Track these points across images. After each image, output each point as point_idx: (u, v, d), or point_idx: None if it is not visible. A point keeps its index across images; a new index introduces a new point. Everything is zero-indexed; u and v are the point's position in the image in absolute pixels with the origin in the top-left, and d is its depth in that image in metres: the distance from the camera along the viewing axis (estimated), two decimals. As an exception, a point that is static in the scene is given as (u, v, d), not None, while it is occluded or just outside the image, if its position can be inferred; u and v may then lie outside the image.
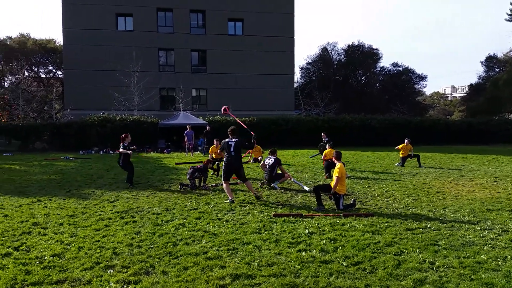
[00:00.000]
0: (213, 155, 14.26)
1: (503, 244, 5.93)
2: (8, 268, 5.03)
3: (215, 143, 14.50)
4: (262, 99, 35.80)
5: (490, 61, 47.02)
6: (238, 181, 11.95)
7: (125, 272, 4.92)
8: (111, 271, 4.97)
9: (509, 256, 5.37)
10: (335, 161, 8.68)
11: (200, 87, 36.89)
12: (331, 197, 8.23)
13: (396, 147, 16.50)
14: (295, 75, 40.64)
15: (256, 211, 8.08)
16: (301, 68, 50.78)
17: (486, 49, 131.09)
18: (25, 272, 4.89)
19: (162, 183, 11.80)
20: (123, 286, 4.52)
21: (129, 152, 11.34)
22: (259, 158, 16.47)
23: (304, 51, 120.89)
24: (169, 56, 36.70)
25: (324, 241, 6.08)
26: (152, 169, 15.14)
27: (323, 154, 13.57)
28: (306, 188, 10.56)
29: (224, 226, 7.00)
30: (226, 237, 6.30)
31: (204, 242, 6.10)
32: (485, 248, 5.77)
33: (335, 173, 8.27)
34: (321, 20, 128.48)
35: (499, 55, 47.07)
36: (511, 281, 4.58)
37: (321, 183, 11.53)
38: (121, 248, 5.81)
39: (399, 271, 4.89)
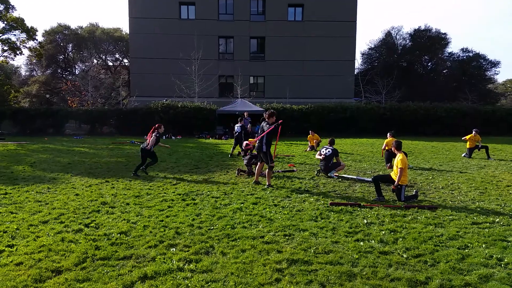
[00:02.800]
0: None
1: None
2: (80, 243, 5.48)
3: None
4: (320, 86, 35.26)
5: None
6: (295, 168, 11.99)
7: (187, 251, 5.16)
8: (174, 249, 5.24)
9: None
10: (396, 151, 8.39)
11: (257, 75, 37.08)
12: (394, 190, 7.98)
13: (463, 138, 15.59)
14: (356, 61, 39.50)
15: (312, 199, 8.07)
16: (363, 54, 49.18)
17: None
18: (95, 247, 5.30)
19: (220, 168, 12.12)
20: (184, 264, 4.76)
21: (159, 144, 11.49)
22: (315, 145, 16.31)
23: (367, 35, 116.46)
24: (228, 44, 37.19)
25: (383, 232, 5.95)
26: (211, 154, 15.58)
27: (384, 143, 13.15)
28: (367, 179, 10.33)
29: (280, 212, 7.08)
30: (282, 223, 6.38)
31: (261, 226, 6.22)
32: None
33: (398, 164, 8.00)
34: (386, 2, 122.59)
35: None
36: None
37: (381, 173, 11.23)
38: (183, 228, 6.09)
39: (463, 266, 4.68)
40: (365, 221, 6.53)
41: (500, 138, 23.41)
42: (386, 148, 12.67)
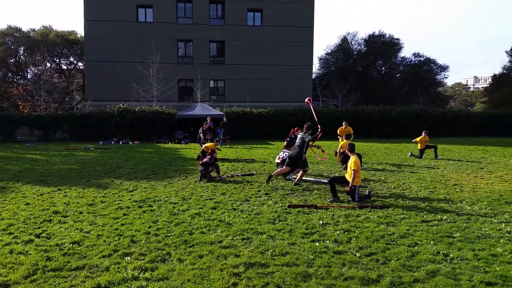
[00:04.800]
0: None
1: (520, 237, 5.85)
2: (30, 254, 5.25)
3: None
4: (279, 90, 35.67)
5: (516, 51, 45.47)
6: (254, 171, 12.07)
7: (142, 260, 5.07)
8: (129, 258, 5.13)
9: (526, 250, 5.31)
10: (349, 154, 8.65)
11: (217, 78, 36.99)
12: (348, 192, 8.21)
13: (413, 140, 16.31)
14: (313, 65, 40.34)
15: (271, 202, 8.16)
16: (320, 59, 50.25)
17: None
18: (46, 258, 5.09)
19: (179, 173, 11.98)
20: (140, 273, 4.67)
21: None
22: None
23: (324, 41, 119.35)
24: (188, 47, 36.86)
25: (338, 232, 6.12)
26: (170, 159, 15.36)
27: (339, 146, 13.52)
28: (324, 180, 10.57)
29: (239, 216, 7.10)
30: (240, 227, 6.41)
31: (219, 231, 6.21)
32: (501, 241, 5.71)
33: (351, 166, 8.25)
34: (342, 9, 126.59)
35: (525, 44, 45.61)
36: (526, 274, 4.53)
37: (337, 174, 11.51)
38: (138, 236, 5.97)
39: (412, 263, 4.89)
40: (321, 222, 6.68)
41: (449, 139, 24.65)
42: (341, 150, 13.03)
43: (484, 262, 4.90)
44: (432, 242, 5.62)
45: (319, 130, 10.09)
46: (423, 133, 15.84)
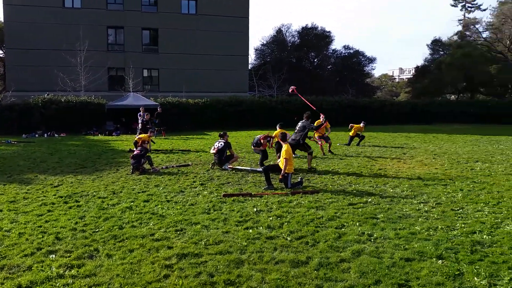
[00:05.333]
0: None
1: (435, 215, 6.38)
2: None
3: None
4: (215, 80, 35.42)
5: (436, 44, 48.99)
6: (190, 162, 11.94)
7: (68, 257, 4.84)
8: (53, 256, 4.87)
9: (439, 226, 5.80)
10: (282, 142, 8.87)
11: (151, 67, 35.83)
12: (281, 180, 8.41)
13: (350, 125, 17.00)
14: (249, 56, 40.53)
15: (206, 192, 8.13)
16: (256, 49, 50.62)
17: (434, 33, 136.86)
18: (-41, 260, 4.67)
19: (109, 166, 11.51)
20: (65, 271, 4.45)
21: None
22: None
23: (260, 32, 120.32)
24: (118, 35, 35.22)
25: (271, 218, 6.26)
26: (100, 152, 14.68)
27: (274, 135, 13.77)
28: (259, 169, 10.72)
29: (173, 207, 7.00)
30: (174, 219, 6.32)
31: (151, 224, 6.08)
32: (420, 220, 6.18)
33: (283, 154, 8.46)
34: (277, 0, 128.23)
35: (444, 38, 49.32)
36: (439, 248, 4.96)
37: (271, 163, 11.74)
38: (64, 233, 5.67)
39: (339, 243, 5.15)
40: (255, 209, 6.79)
41: (375, 127, 26.08)
42: (276, 139, 13.29)
43: (404, 240, 5.28)
44: (357, 224, 5.95)
45: (323, 120, 11.81)
46: (362, 123, 16.72)
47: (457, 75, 38.71)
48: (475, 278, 4.12)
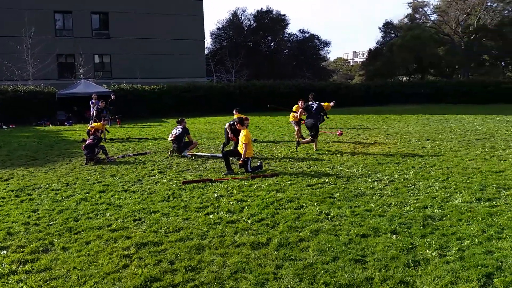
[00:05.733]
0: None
1: (389, 192, 6.64)
2: None
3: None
4: (171, 65, 34.63)
5: (387, 27, 50.41)
6: (148, 150, 11.69)
7: (21, 252, 4.64)
8: (5, 252, 4.65)
9: (393, 203, 6.06)
10: (239, 128, 8.87)
11: (103, 53, 34.46)
12: (241, 165, 8.42)
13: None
14: (205, 40, 39.89)
15: (165, 180, 8.01)
16: (212, 34, 49.89)
17: (386, 15, 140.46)
18: None
19: (62, 157, 11.04)
20: (18, 266, 4.27)
21: None
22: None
23: (215, 16, 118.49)
24: (66, 20, 33.49)
25: (231, 203, 6.28)
26: (51, 143, 14.04)
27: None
28: (219, 155, 10.68)
29: (130, 197, 6.85)
30: (132, 208, 6.20)
31: (108, 215, 5.93)
32: (374, 197, 6.42)
33: (242, 139, 8.46)
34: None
35: (395, 21, 50.80)
36: (393, 224, 5.18)
37: (231, 148, 11.73)
38: (16, 228, 5.42)
39: (298, 224, 5.26)
40: (216, 195, 6.78)
41: (333, 109, 26.60)
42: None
43: (360, 217, 5.47)
44: (315, 203, 6.10)
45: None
46: (332, 102, 16.98)
47: (407, 57, 40.17)
48: (427, 250, 4.34)
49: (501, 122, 16.84)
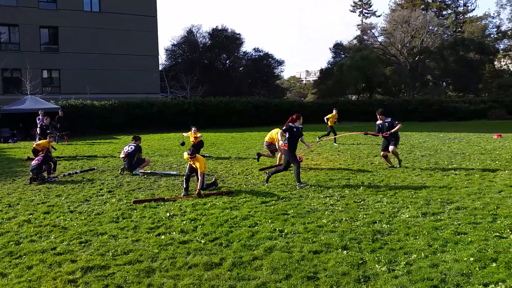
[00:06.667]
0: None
1: (340, 208, 6.79)
2: None
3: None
4: (124, 81, 33.87)
5: (337, 48, 52.43)
6: (95, 167, 11.28)
7: (-49, 282, 4.25)
8: None
9: (344, 218, 6.19)
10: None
11: (51, 68, 33.17)
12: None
13: (325, 118, 17.70)
14: (159, 57, 39.49)
15: (114, 200, 7.73)
16: (166, 50, 49.51)
17: (336, 37, 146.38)
18: None
19: (5, 177, 10.38)
20: None
21: None
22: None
23: (169, 32, 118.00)
24: (13, 33, 31.98)
25: (184, 222, 6.15)
26: (-8, 162, 13.19)
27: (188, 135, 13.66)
28: (173, 172, 10.49)
29: (77, 218, 6.53)
30: (78, 230, 5.91)
31: (52, 237, 5.61)
32: (326, 213, 6.54)
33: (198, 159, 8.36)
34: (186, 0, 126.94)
35: (345, 42, 52.97)
36: (344, 239, 5.29)
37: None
38: None
39: (252, 242, 5.23)
40: (168, 214, 6.62)
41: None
42: (193, 141, 13.23)
43: (312, 234, 5.54)
44: (270, 221, 6.11)
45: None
46: (334, 110, 17.37)
47: (357, 77, 41.81)
48: (376, 265, 4.46)
49: (444, 138, 17.86)
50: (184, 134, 14.26)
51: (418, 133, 20.99)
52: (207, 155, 13.46)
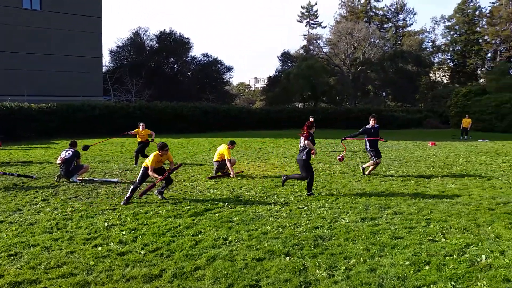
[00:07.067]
0: None
1: (284, 214, 6.86)
2: None
3: None
4: (65, 83, 32.23)
5: (285, 57, 53.58)
6: (33, 175, 10.59)
7: None
8: None
9: (287, 224, 6.26)
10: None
11: (-17, 68, 30.87)
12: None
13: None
14: (103, 58, 38.07)
15: (49, 209, 7.27)
16: (111, 52, 47.87)
17: (285, 45, 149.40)
18: None
19: None
20: None
21: None
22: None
23: (115, 33, 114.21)
24: None
25: (124, 232, 5.91)
26: None
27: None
28: (114, 179, 10.08)
29: (7, 229, 6.07)
30: (8, 242, 5.48)
31: (-24, 251, 5.15)
32: (271, 219, 6.57)
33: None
34: (132, 1, 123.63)
35: (292, 51, 54.24)
36: (287, 245, 5.34)
37: (129, 172, 11.17)
38: None
39: (195, 251, 5.13)
40: (106, 224, 6.33)
41: (234, 132, 27.09)
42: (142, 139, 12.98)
43: (257, 241, 5.54)
44: (214, 229, 6.03)
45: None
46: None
47: (303, 85, 42.88)
48: (317, 271, 4.53)
49: (383, 146, 18.71)
50: (130, 132, 13.50)
51: (358, 140, 21.84)
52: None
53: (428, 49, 57.61)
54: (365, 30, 48.70)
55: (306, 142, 8.32)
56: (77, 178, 9.81)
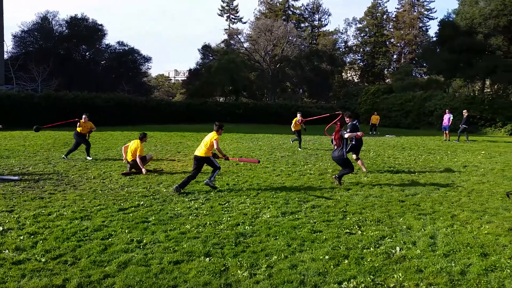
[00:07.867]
0: None
1: (205, 212, 6.60)
2: None
3: None
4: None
5: (206, 50, 52.78)
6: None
7: None
8: None
9: (208, 222, 6.00)
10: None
11: None
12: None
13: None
14: (5, 43, 34.17)
15: None
16: (14, 36, 43.14)
17: (205, 38, 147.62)
18: None
19: None
20: None
21: None
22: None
23: (19, 16, 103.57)
24: None
25: (22, 237, 5.20)
26: None
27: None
28: (14, 177, 8.95)
29: None
30: None
31: None
32: (190, 218, 6.27)
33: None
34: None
35: (213, 45, 53.58)
36: (207, 245, 5.09)
37: (30, 169, 10.05)
38: None
39: (104, 257, 4.65)
40: (1, 228, 5.54)
41: (152, 126, 26.03)
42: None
43: (174, 242, 5.20)
44: (127, 231, 5.56)
45: None
46: (298, 115, 16.46)
47: (224, 79, 42.70)
48: (239, 270, 4.35)
49: (304, 139, 19.24)
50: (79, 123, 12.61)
51: (278, 135, 22.28)
52: (64, 156, 11.98)
53: (341, 49, 60.80)
54: (283, 28, 49.85)
55: (348, 135, 8.73)
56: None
